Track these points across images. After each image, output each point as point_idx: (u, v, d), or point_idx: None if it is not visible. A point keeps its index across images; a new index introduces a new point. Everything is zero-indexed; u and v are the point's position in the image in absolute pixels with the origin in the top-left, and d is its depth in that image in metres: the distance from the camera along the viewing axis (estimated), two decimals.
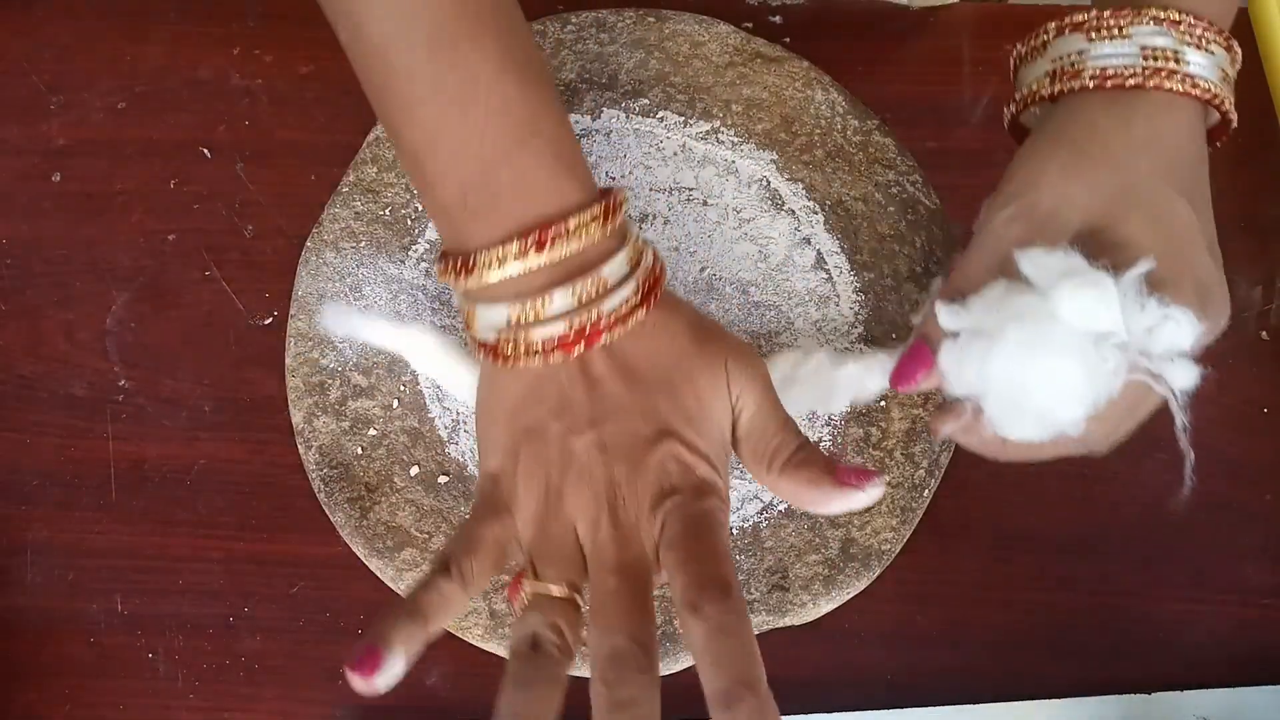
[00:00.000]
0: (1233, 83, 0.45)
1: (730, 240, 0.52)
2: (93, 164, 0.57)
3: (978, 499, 0.52)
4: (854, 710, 0.47)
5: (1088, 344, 0.38)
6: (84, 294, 0.55)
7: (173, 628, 0.49)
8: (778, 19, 0.60)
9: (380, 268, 0.52)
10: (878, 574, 0.48)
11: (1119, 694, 0.48)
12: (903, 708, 0.47)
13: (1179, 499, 0.43)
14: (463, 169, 0.42)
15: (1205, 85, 0.43)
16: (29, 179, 0.57)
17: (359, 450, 0.49)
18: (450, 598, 0.39)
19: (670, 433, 0.41)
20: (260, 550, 0.50)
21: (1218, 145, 0.46)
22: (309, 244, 0.53)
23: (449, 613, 0.39)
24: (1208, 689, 0.48)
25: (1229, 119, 0.45)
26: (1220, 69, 0.44)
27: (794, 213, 0.53)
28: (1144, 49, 0.43)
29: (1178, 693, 0.48)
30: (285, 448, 0.51)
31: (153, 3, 0.60)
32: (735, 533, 0.48)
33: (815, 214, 0.53)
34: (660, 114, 0.54)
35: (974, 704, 0.48)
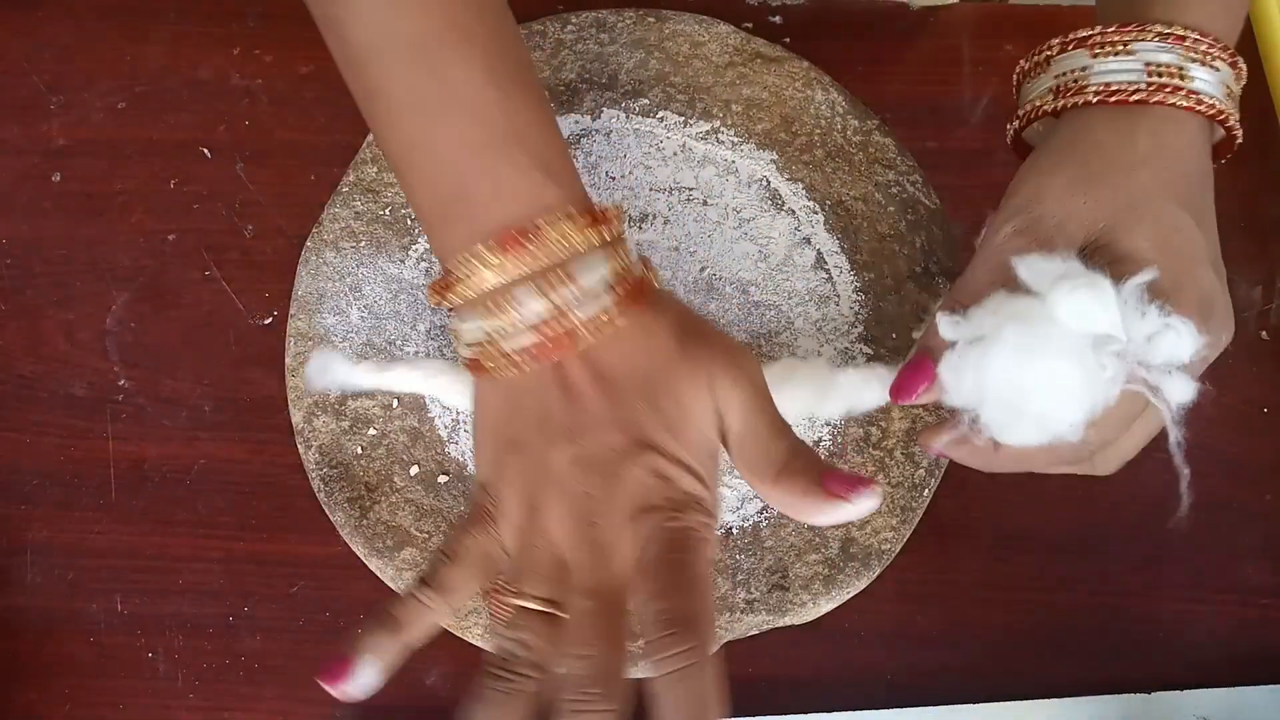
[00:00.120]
0: (1238, 99, 0.44)
1: (730, 240, 0.52)
2: (93, 164, 0.57)
3: (978, 499, 0.52)
4: (854, 710, 0.47)
5: (1085, 347, 0.38)
6: (84, 294, 0.55)
7: (173, 628, 0.49)
8: (778, 19, 0.60)
9: (380, 268, 0.52)
10: (878, 574, 0.48)
11: (1119, 694, 0.48)
12: (903, 708, 0.47)
13: (1176, 515, 0.43)
14: (442, 178, 0.41)
15: (1210, 101, 0.43)
16: (29, 179, 0.57)
17: (359, 450, 0.49)
18: (429, 607, 0.39)
19: (649, 445, 0.40)
20: (260, 550, 0.50)
21: (1222, 162, 0.46)
22: (309, 244, 0.53)
23: (428, 622, 0.39)
24: (1208, 689, 0.48)
25: (1234, 135, 0.44)
26: (1225, 85, 0.43)
27: (794, 213, 0.53)
28: (1148, 65, 0.43)
29: (1178, 693, 0.48)
30: (285, 447, 0.51)
31: (153, 3, 0.60)
32: (735, 532, 0.48)
33: (815, 214, 0.53)
34: (660, 114, 0.54)
35: (974, 704, 0.48)
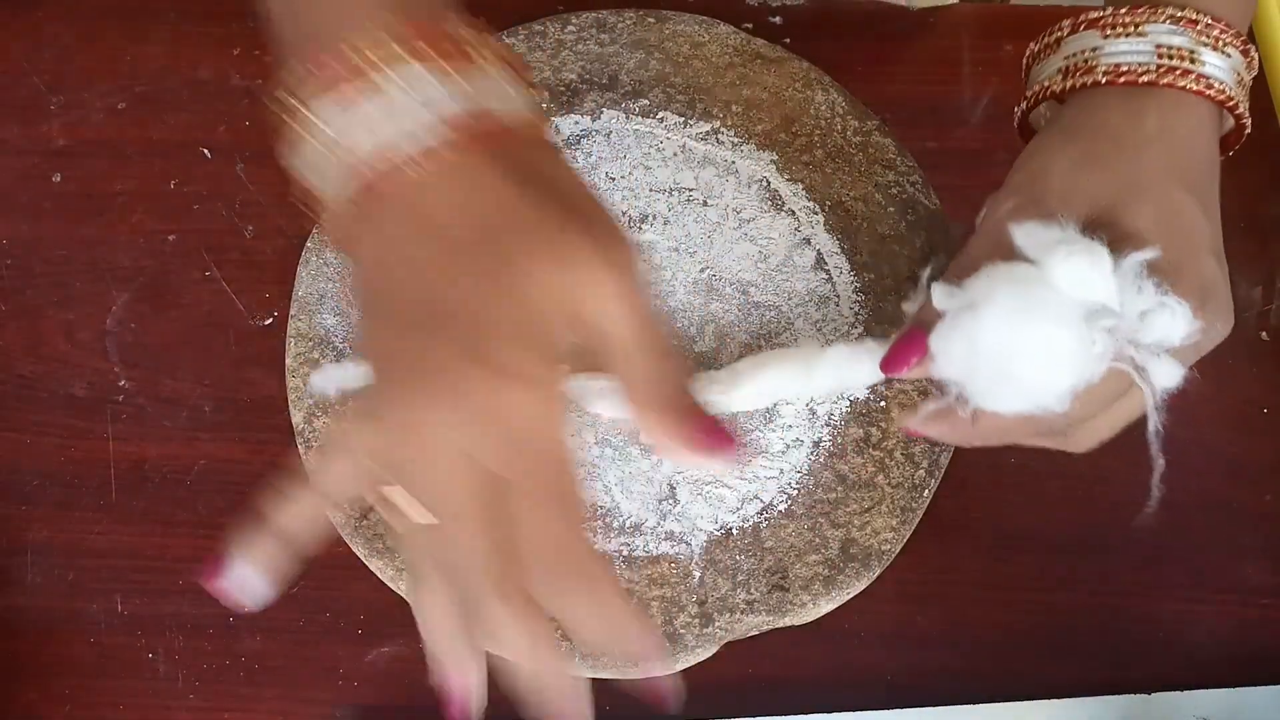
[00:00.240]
0: (1248, 88, 0.44)
1: (730, 240, 0.52)
2: (93, 164, 0.57)
3: (978, 499, 0.52)
4: (854, 710, 0.47)
5: (1078, 316, 0.38)
6: (84, 294, 0.55)
7: (173, 628, 0.49)
8: (778, 19, 0.60)
9: None
10: (878, 574, 0.48)
11: (1119, 694, 0.48)
12: (903, 708, 0.47)
13: (1144, 510, 0.43)
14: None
15: (1219, 87, 0.42)
16: (29, 179, 0.57)
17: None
18: (297, 502, 0.37)
19: (472, 356, 0.33)
20: None
21: (1229, 154, 0.46)
22: (309, 244, 0.53)
23: (293, 514, 0.37)
24: (1208, 689, 0.48)
25: (1243, 124, 0.44)
26: (1236, 72, 0.43)
27: (794, 213, 0.53)
28: (1159, 47, 0.42)
29: (1178, 693, 0.48)
30: (285, 448, 0.51)
31: (153, 3, 0.60)
32: (735, 533, 0.48)
33: (815, 214, 0.53)
34: (660, 114, 0.54)
35: (974, 704, 0.48)
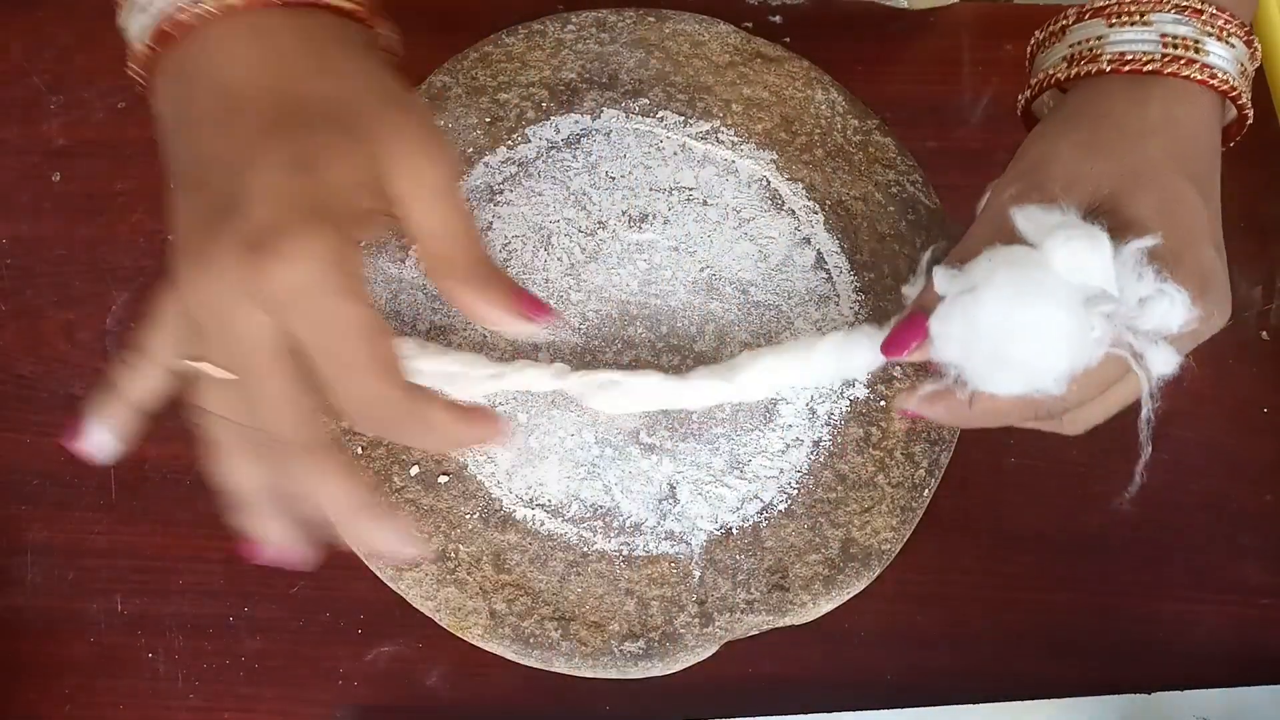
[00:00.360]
0: (1250, 79, 0.44)
1: (730, 240, 0.52)
2: (93, 164, 0.57)
3: (978, 499, 0.52)
4: (854, 710, 0.47)
5: (1077, 299, 0.38)
6: (84, 294, 0.54)
7: (173, 628, 0.49)
8: (778, 19, 0.60)
9: (380, 267, 0.52)
10: (878, 574, 0.48)
11: (1119, 694, 0.48)
12: (903, 708, 0.47)
13: (1124, 495, 0.43)
14: None
15: (1223, 77, 0.42)
16: (29, 179, 0.57)
17: (359, 450, 0.49)
18: (138, 371, 0.40)
19: (244, 222, 0.34)
20: None
21: (1231, 145, 0.46)
22: None
23: (141, 385, 0.40)
24: (1208, 689, 0.48)
25: (1245, 115, 0.44)
26: (1239, 63, 0.43)
27: (794, 213, 0.53)
28: (1164, 36, 0.43)
29: (1178, 693, 0.48)
30: None
31: None
32: (735, 533, 0.48)
33: (815, 214, 0.53)
34: (660, 114, 0.54)
35: (974, 704, 0.48)
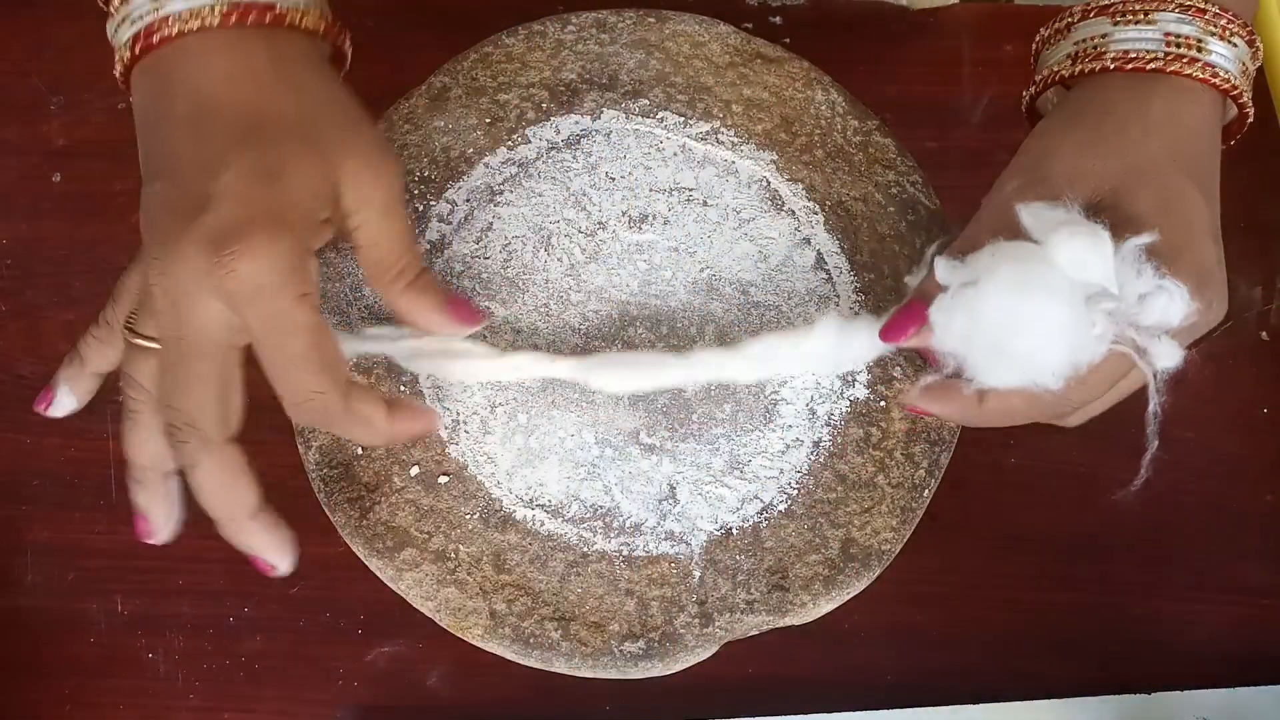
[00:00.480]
0: (1252, 78, 0.45)
1: (730, 240, 0.52)
2: (93, 164, 0.57)
3: (978, 499, 0.52)
4: (854, 710, 0.47)
5: (1078, 295, 0.39)
6: (84, 294, 0.55)
7: (173, 628, 0.49)
8: (778, 19, 0.60)
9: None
10: (878, 574, 0.48)
11: (1119, 694, 0.48)
12: (903, 708, 0.47)
13: (1130, 486, 0.43)
14: None
15: (1225, 76, 0.43)
16: (29, 179, 0.57)
17: (359, 450, 0.49)
18: (101, 342, 0.44)
19: (221, 239, 0.36)
20: None
21: (1231, 143, 0.46)
22: None
23: (104, 357, 0.44)
24: (1208, 689, 0.48)
25: (1245, 114, 0.45)
26: (1241, 62, 0.44)
27: (794, 213, 0.53)
28: (1167, 35, 0.43)
29: (1178, 693, 0.48)
30: (285, 448, 0.51)
31: None
32: (735, 533, 0.48)
33: (815, 214, 0.53)
34: (660, 114, 0.54)
35: (974, 704, 0.48)
